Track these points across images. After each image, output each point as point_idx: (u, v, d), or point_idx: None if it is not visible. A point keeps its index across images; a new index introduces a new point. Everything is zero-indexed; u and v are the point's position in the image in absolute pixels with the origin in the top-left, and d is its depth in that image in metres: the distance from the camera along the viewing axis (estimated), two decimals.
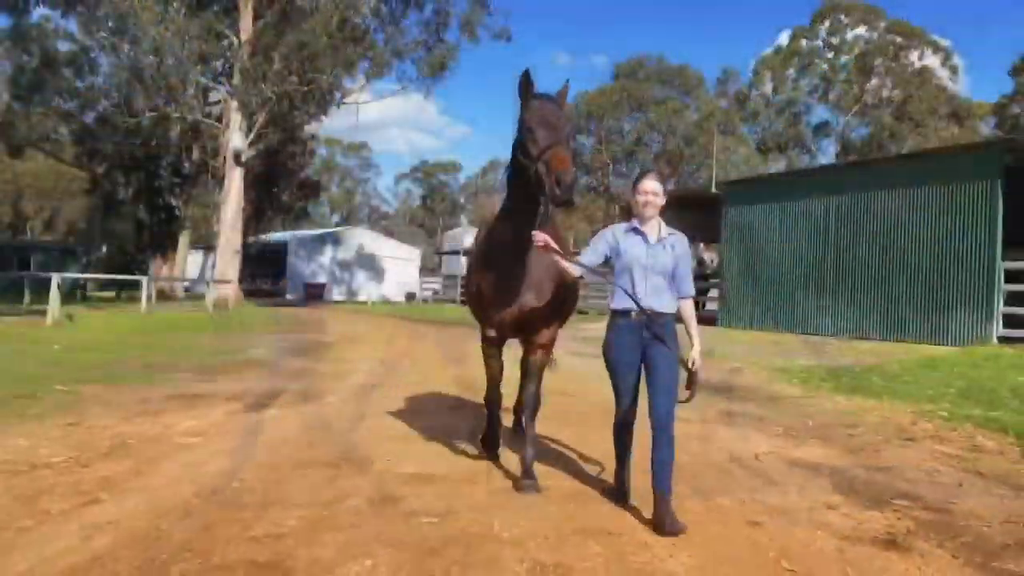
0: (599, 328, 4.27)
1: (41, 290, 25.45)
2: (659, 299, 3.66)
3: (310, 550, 3.07)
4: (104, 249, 40.33)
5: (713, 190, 18.55)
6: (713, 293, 19.74)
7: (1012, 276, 12.59)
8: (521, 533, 3.30)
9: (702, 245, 21.56)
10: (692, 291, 3.79)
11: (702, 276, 19.47)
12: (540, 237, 3.64)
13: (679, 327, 3.68)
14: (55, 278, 15.86)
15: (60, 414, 5.70)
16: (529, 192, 3.69)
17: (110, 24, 26.41)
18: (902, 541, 3.28)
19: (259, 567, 2.87)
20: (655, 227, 3.73)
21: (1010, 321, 12.55)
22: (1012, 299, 12.57)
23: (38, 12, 24.56)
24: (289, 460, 4.55)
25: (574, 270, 3.81)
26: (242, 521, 3.38)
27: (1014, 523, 3.56)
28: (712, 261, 20.68)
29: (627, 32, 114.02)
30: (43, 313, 15.35)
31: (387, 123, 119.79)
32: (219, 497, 3.73)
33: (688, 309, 3.77)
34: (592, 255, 3.76)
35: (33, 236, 59.18)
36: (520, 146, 3.69)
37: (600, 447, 4.52)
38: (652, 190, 3.70)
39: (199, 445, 4.86)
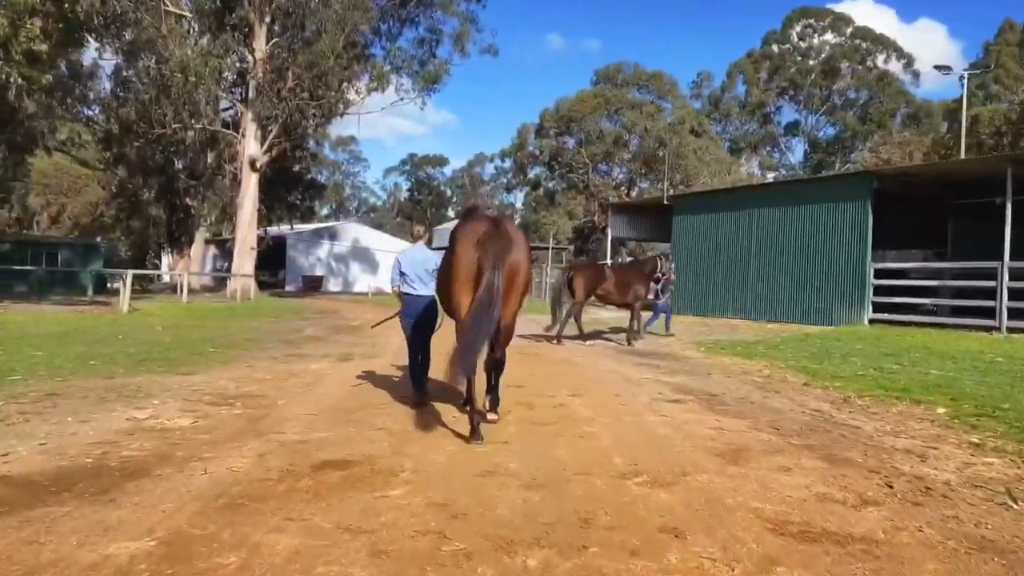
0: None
1: (69, 283, 29.22)
2: (424, 286, 6.68)
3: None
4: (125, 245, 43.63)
5: (665, 201, 22.63)
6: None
7: (879, 273, 16.74)
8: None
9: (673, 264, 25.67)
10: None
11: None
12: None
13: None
14: (129, 275, 19.57)
15: (235, 363, 9.44)
16: None
17: (142, 48, 29.57)
18: (682, 401, 7.22)
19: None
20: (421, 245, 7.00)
21: (877, 307, 16.69)
22: (879, 291, 16.71)
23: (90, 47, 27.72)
24: (390, 373, 8.40)
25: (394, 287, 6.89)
26: (387, 389, 7.27)
27: (742, 397, 7.50)
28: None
29: (615, 31, 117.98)
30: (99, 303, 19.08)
31: (371, 109, 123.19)
32: (370, 380, 7.61)
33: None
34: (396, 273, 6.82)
35: (38, 230, 62.06)
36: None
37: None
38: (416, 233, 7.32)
39: (334, 373, 8.71)
